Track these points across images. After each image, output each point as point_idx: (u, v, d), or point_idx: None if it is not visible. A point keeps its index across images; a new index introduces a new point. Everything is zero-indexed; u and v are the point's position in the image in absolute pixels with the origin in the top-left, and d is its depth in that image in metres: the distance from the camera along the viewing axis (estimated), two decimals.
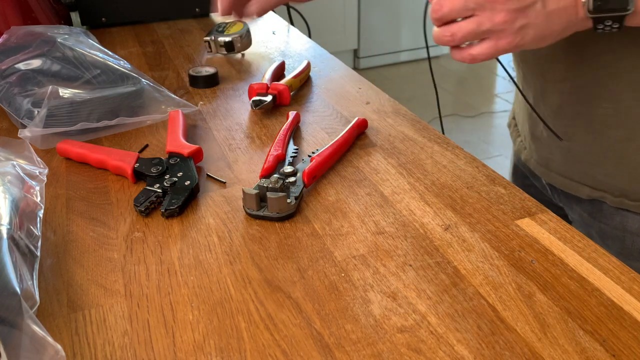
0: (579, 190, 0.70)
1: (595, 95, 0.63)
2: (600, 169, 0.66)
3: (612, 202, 0.66)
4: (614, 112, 0.62)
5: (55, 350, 0.35)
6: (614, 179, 0.66)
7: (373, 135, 0.71)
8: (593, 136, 0.65)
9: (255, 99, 0.76)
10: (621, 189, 0.65)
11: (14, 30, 0.80)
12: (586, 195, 0.69)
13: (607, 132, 0.64)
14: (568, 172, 0.71)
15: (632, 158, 0.63)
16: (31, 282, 0.42)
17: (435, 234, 0.52)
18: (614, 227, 0.67)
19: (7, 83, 0.72)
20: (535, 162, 0.77)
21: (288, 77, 0.82)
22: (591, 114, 0.64)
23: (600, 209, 0.69)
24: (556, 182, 0.73)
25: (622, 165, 0.64)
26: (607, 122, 0.63)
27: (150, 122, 0.75)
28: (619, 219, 0.67)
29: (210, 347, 0.41)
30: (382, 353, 0.40)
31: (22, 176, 0.52)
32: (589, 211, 0.70)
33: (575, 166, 0.69)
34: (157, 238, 0.53)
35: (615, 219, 0.67)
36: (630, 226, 0.66)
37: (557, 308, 0.43)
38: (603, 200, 0.67)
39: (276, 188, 0.55)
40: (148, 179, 0.60)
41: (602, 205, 0.68)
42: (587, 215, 0.71)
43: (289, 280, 0.47)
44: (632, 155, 0.63)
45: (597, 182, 0.67)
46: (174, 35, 1.12)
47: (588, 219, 0.71)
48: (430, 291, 0.45)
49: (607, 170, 0.66)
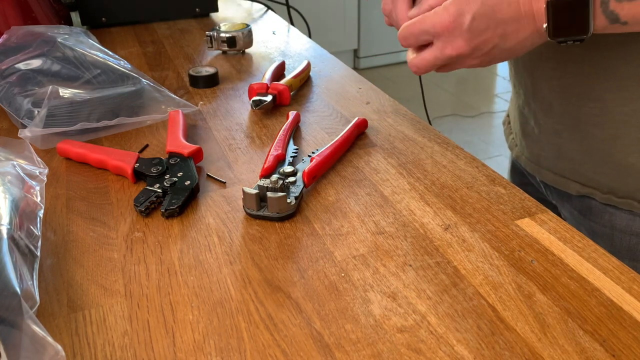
0: (569, 187, 0.70)
1: (582, 94, 0.63)
2: (588, 166, 0.67)
3: (601, 199, 0.67)
4: (600, 111, 0.63)
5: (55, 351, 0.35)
6: (601, 176, 0.66)
7: (373, 135, 0.71)
8: (580, 134, 0.66)
9: (255, 99, 0.76)
10: (609, 186, 0.66)
11: (14, 30, 0.80)
12: (576, 191, 0.69)
13: (593, 130, 0.64)
14: (558, 168, 0.71)
15: (618, 157, 0.64)
16: (31, 282, 0.42)
17: (435, 234, 0.52)
18: (603, 225, 0.68)
19: (7, 83, 0.72)
20: (527, 159, 0.77)
21: (288, 77, 0.83)
22: (578, 112, 0.65)
23: (589, 206, 0.69)
24: (547, 178, 0.73)
25: (609, 164, 0.65)
26: (593, 121, 0.64)
27: (150, 122, 0.75)
28: (608, 217, 0.67)
29: (210, 347, 0.41)
30: (382, 353, 0.40)
31: (22, 176, 0.52)
32: (579, 209, 0.71)
33: (564, 163, 0.70)
34: (157, 238, 0.53)
35: (604, 217, 0.67)
36: (618, 224, 0.66)
37: (557, 308, 0.43)
38: (592, 196, 0.68)
39: (276, 188, 0.55)
40: (148, 179, 0.60)
41: (592, 202, 0.68)
42: (577, 213, 0.71)
43: (289, 280, 0.47)
44: (617, 154, 0.63)
45: (586, 178, 0.68)
46: (174, 35, 1.12)
47: (578, 216, 0.71)
48: (430, 291, 0.45)
49: (595, 168, 0.66)
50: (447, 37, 0.53)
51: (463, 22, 0.52)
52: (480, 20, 0.52)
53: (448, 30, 0.53)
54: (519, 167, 0.83)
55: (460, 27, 0.52)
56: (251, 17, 1.26)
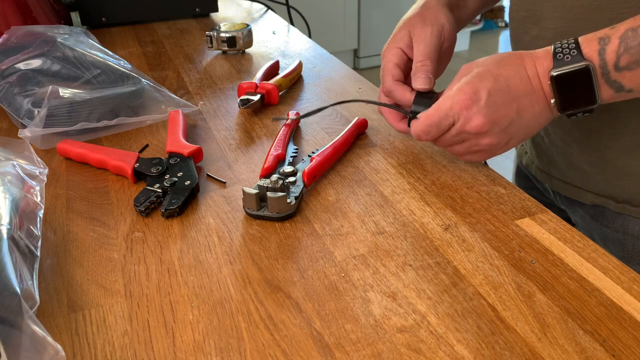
0: (582, 196, 0.70)
1: None
2: (601, 178, 0.66)
3: (615, 208, 0.66)
4: (612, 122, 0.62)
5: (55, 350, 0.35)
6: (615, 188, 0.66)
7: (373, 135, 0.71)
8: (592, 146, 0.65)
9: (243, 98, 0.76)
10: (624, 196, 0.65)
11: (14, 30, 0.80)
12: (589, 200, 0.69)
13: (605, 141, 0.64)
14: (570, 178, 0.71)
15: (633, 167, 0.63)
16: (31, 282, 0.42)
17: (435, 234, 0.52)
18: (615, 229, 0.67)
19: (7, 83, 0.72)
20: (537, 168, 0.77)
21: (277, 77, 0.82)
22: (589, 123, 0.64)
23: (602, 212, 0.69)
24: (558, 187, 0.73)
25: (623, 174, 0.64)
26: (606, 132, 0.63)
27: (150, 122, 0.75)
28: (621, 222, 0.67)
29: (210, 347, 0.41)
30: (382, 353, 0.40)
31: (22, 176, 0.52)
32: (591, 214, 0.70)
33: (576, 174, 0.69)
34: (157, 238, 0.53)
35: (616, 222, 0.67)
36: (632, 229, 0.66)
37: (557, 308, 0.43)
38: (606, 205, 0.67)
39: (276, 188, 0.55)
40: (148, 179, 0.60)
41: (605, 209, 0.68)
42: (589, 218, 0.71)
43: (289, 280, 0.47)
44: (632, 164, 0.63)
45: (599, 189, 0.67)
46: (174, 35, 1.12)
47: (590, 221, 0.71)
48: (430, 291, 0.45)
49: (607, 179, 0.66)
50: (467, 114, 0.54)
51: (480, 98, 0.53)
52: (497, 96, 0.53)
53: (467, 108, 0.53)
54: (523, 171, 0.83)
55: (478, 103, 0.53)
56: (251, 17, 1.26)
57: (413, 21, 0.64)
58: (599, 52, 0.50)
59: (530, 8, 0.64)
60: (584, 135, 0.66)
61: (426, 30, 0.63)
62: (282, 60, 0.96)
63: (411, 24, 0.64)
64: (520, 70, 0.53)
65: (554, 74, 0.51)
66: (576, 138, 0.67)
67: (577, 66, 0.51)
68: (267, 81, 0.80)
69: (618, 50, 0.49)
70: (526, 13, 0.65)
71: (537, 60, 0.53)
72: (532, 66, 0.53)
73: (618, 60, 0.50)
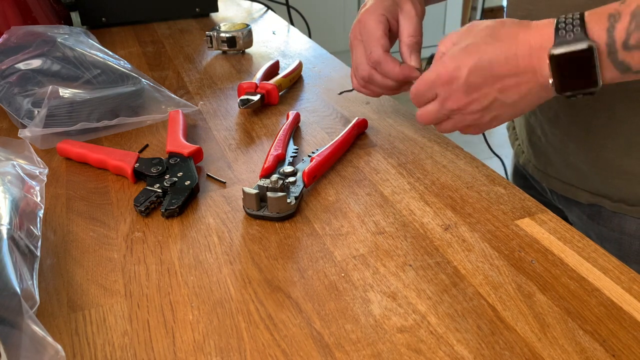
0: (578, 195, 0.70)
1: (590, 104, 0.63)
2: (597, 177, 0.66)
3: (611, 207, 0.66)
4: (609, 121, 0.62)
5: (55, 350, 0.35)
6: (611, 187, 0.66)
7: (373, 135, 0.71)
8: (588, 145, 0.65)
9: (243, 98, 0.76)
10: (619, 196, 0.65)
11: (14, 30, 0.80)
12: (585, 200, 0.69)
13: (602, 141, 0.64)
14: (566, 177, 0.71)
15: (629, 167, 0.63)
16: (31, 282, 0.42)
17: (435, 234, 0.52)
18: (612, 229, 0.68)
19: (7, 83, 0.72)
20: (534, 167, 0.77)
21: (277, 77, 0.82)
22: (586, 123, 0.64)
23: (599, 211, 0.69)
24: (555, 186, 0.73)
25: (619, 173, 0.64)
26: (602, 132, 0.63)
27: (150, 122, 0.75)
28: (617, 221, 0.67)
29: (210, 347, 0.41)
30: (382, 353, 0.40)
31: (22, 176, 0.52)
32: (587, 213, 0.70)
33: (573, 173, 0.69)
34: (157, 238, 0.53)
35: (613, 221, 0.67)
36: (628, 228, 0.66)
37: (557, 308, 0.43)
38: (602, 204, 0.68)
39: (276, 188, 0.55)
40: (148, 179, 0.60)
41: (601, 208, 0.68)
42: (586, 217, 0.71)
43: (289, 280, 0.47)
44: (628, 164, 0.63)
45: (595, 188, 0.67)
46: (174, 35, 1.12)
47: (587, 221, 0.71)
48: (430, 291, 0.45)
49: (604, 178, 0.66)
50: (447, 90, 0.54)
51: (460, 75, 0.52)
52: (477, 74, 0.52)
53: (447, 83, 0.53)
54: (521, 170, 0.83)
55: (458, 80, 0.53)
56: (251, 17, 1.26)
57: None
58: (608, 29, 0.46)
59: (527, 7, 0.64)
60: (581, 134, 0.66)
61: (416, 6, 0.64)
62: (282, 60, 0.96)
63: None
64: (510, 48, 0.51)
65: (553, 53, 0.48)
66: (573, 137, 0.67)
67: (578, 46, 0.47)
68: (267, 81, 0.80)
69: (629, 28, 0.45)
70: (523, 12, 0.65)
71: (536, 34, 0.50)
72: (526, 44, 0.50)
73: (628, 38, 0.46)
